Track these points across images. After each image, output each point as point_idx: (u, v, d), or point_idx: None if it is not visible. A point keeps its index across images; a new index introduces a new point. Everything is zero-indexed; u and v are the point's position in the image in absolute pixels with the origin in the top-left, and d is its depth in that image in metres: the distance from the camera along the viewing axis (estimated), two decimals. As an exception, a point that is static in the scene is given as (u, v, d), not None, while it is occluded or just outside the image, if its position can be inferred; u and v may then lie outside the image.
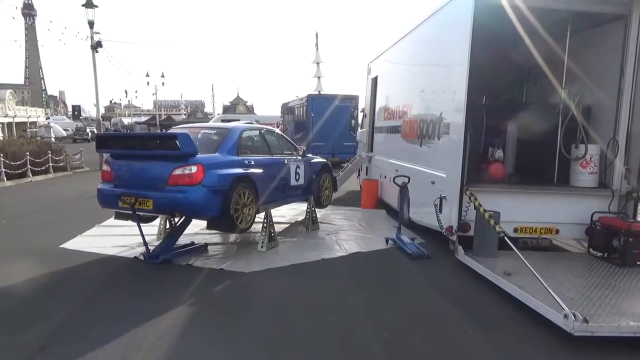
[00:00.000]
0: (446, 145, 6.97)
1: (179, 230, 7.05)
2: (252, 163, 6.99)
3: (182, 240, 7.26)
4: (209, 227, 6.74)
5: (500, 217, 6.12)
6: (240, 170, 6.64)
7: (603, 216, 6.52)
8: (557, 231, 6.78)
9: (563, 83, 7.04)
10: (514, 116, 7.69)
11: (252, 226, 7.01)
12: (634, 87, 6.54)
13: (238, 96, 55.56)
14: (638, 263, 6.05)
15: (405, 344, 4.22)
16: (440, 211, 6.83)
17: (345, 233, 8.50)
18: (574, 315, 4.05)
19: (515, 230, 6.65)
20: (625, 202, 6.73)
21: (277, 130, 9.54)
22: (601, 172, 6.91)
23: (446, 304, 5.21)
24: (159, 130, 41.28)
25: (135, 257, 6.78)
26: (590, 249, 6.70)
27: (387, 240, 7.65)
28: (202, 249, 7.19)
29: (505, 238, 5.45)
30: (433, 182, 7.32)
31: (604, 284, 5.33)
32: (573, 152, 7.01)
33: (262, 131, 8.25)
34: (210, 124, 13.14)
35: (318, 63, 32.19)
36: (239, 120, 28.14)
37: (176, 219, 6.95)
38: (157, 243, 7.11)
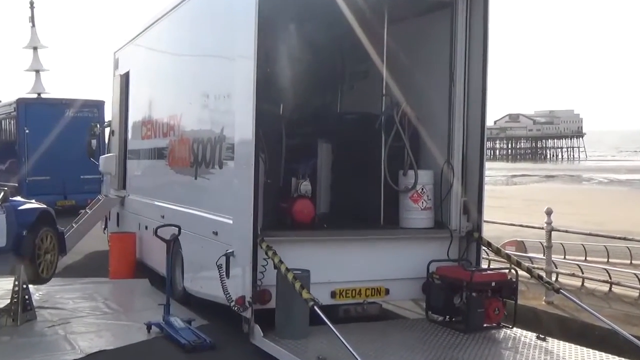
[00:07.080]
0: (231, 176, 7.20)
1: None
2: None
3: None
4: None
5: (311, 277, 6.48)
6: None
7: (441, 266, 7.38)
8: (387, 291, 7.45)
9: (383, 89, 7.89)
10: (326, 133, 8.32)
11: None
12: (466, 94, 7.62)
13: None
14: (485, 325, 6.97)
15: None
16: (228, 275, 6.95)
17: (82, 321, 8.24)
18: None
19: (333, 294, 7.11)
20: (467, 245, 7.74)
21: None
22: (436, 206, 7.85)
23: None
24: None
25: None
26: (429, 312, 7.50)
27: (149, 327, 7.49)
28: None
29: (316, 308, 5.76)
30: (215, 233, 7.46)
31: None
32: (401, 181, 7.84)
33: None
34: None
35: (35, 48, 30.21)
36: None
37: None
38: None
